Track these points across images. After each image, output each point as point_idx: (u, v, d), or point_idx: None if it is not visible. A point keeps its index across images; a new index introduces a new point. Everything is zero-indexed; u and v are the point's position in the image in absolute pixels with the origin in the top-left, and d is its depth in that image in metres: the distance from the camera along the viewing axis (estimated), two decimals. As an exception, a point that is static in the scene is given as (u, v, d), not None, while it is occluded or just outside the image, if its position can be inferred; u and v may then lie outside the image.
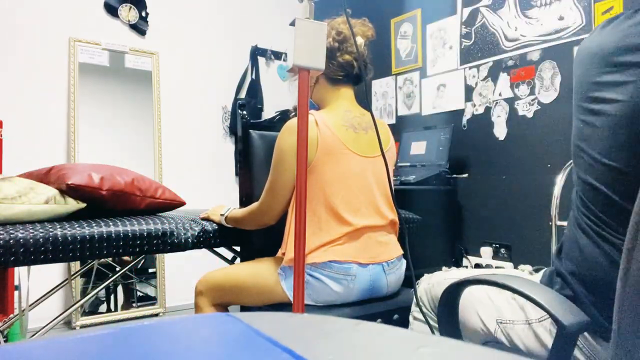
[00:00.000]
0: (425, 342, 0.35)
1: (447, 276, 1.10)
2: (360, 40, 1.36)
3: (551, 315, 0.71)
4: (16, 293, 2.03)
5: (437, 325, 1.04)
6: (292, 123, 1.30)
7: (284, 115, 1.73)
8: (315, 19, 0.96)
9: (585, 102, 0.80)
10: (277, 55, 3.53)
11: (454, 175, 2.62)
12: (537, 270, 1.71)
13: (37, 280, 1.93)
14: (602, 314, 0.77)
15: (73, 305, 1.43)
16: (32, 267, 1.39)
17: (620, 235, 0.75)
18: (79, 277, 2.57)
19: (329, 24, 1.36)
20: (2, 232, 1.07)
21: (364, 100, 1.20)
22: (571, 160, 1.93)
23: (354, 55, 1.33)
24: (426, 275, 1.19)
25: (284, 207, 1.34)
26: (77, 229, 1.17)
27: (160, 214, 1.48)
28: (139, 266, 2.88)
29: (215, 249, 1.54)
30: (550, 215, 2.16)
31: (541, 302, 0.74)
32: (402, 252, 1.39)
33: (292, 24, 0.91)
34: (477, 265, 2.45)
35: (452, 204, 2.59)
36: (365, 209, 1.31)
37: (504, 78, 2.43)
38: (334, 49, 1.33)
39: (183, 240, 1.33)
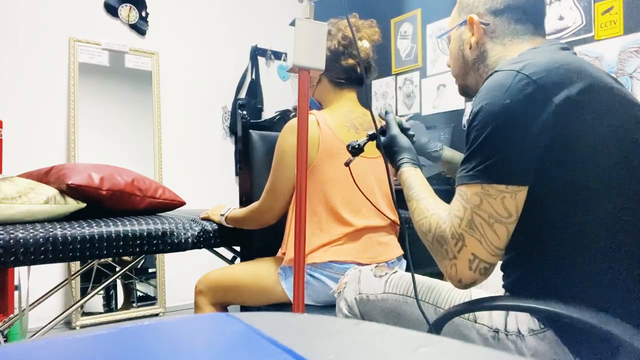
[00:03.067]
0: (426, 342, 0.35)
1: (389, 290, 1.00)
2: (366, 45, 1.35)
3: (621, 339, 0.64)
4: (16, 293, 2.03)
5: None
6: (293, 123, 1.29)
7: (284, 115, 1.73)
8: (315, 18, 0.95)
9: None
10: (277, 55, 3.53)
11: (454, 175, 2.62)
12: None
13: (37, 280, 1.92)
14: None
15: (73, 305, 1.43)
16: (32, 267, 1.38)
17: None
18: (79, 277, 2.57)
19: (335, 25, 1.35)
20: (2, 232, 1.07)
21: (364, 100, 1.20)
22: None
23: (357, 60, 1.31)
24: (352, 274, 1.09)
25: (284, 207, 1.34)
26: (77, 229, 1.17)
27: (160, 214, 1.48)
28: (139, 266, 2.88)
29: (215, 249, 1.54)
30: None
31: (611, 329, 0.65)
32: (402, 252, 1.39)
33: (292, 24, 0.90)
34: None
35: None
36: (365, 209, 1.31)
37: (504, 78, 2.43)
38: (338, 53, 1.32)
39: (183, 240, 1.33)
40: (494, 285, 0.88)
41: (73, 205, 1.26)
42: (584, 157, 0.73)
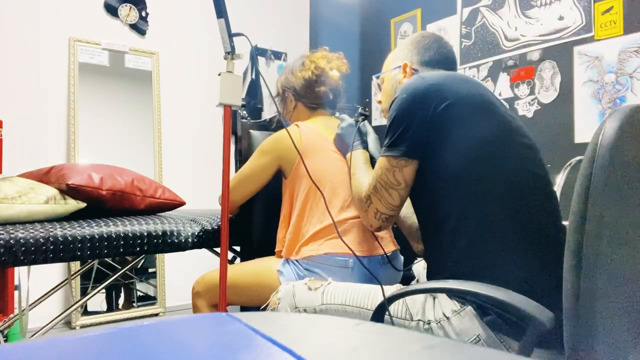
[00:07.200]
0: (426, 342, 0.35)
1: (327, 301, 1.06)
2: (336, 74, 1.52)
3: (527, 315, 0.73)
4: (16, 293, 2.03)
5: None
6: (276, 133, 1.42)
7: (284, 116, 1.73)
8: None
9: None
10: (277, 55, 3.52)
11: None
12: None
13: (37, 280, 1.92)
14: None
15: (73, 305, 1.43)
16: (32, 267, 1.38)
17: None
18: (79, 277, 2.57)
19: (308, 58, 1.52)
20: (2, 232, 1.07)
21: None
22: (571, 160, 1.94)
23: (329, 87, 1.49)
24: (285, 289, 1.15)
25: (241, 201, 1.46)
26: (77, 229, 1.17)
27: (160, 214, 1.48)
28: (139, 266, 2.88)
29: (215, 249, 1.54)
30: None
31: (513, 303, 0.74)
32: (397, 247, 1.40)
33: (219, 74, 1.21)
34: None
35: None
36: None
37: (504, 78, 2.43)
38: (312, 81, 1.48)
39: (183, 240, 1.33)
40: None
41: (73, 205, 1.26)
42: (458, 149, 0.91)
